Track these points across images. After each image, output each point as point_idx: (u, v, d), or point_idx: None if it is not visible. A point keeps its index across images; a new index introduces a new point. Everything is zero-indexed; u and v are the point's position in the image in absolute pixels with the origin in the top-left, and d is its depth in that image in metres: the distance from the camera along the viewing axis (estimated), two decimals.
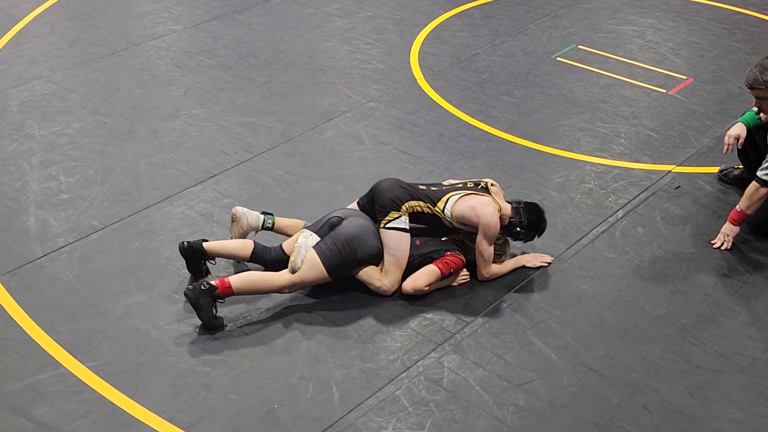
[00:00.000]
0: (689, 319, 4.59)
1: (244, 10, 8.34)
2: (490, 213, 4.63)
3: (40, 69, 7.19)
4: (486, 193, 4.79)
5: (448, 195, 4.73)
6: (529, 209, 4.84)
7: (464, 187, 4.80)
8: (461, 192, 4.74)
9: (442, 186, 4.86)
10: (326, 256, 4.57)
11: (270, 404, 4.08)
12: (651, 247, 5.12)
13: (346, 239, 4.60)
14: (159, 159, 5.97)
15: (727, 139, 5.27)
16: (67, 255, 5.04)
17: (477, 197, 4.71)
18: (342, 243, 4.59)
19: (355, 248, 4.60)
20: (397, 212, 4.63)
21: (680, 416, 4.03)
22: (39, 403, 4.07)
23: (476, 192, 4.76)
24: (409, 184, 4.79)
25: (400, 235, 4.64)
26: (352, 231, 4.63)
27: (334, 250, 4.58)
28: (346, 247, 4.59)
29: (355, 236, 4.62)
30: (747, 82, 4.93)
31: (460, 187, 4.80)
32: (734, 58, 7.36)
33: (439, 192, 4.77)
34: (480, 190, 4.80)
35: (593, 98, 6.75)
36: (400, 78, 7.06)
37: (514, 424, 3.98)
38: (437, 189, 4.80)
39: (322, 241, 4.63)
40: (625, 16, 8.18)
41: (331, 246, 4.59)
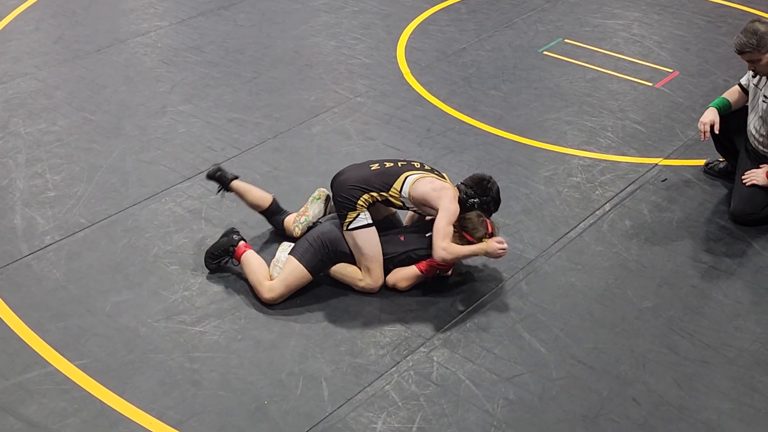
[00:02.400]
0: (677, 311, 4.61)
1: (230, 6, 8.31)
2: (452, 196, 4.56)
3: (24, 66, 7.15)
4: (442, 178, 4.72)
5: (405, 174, 4.63)
6: (468, 183, 4.75)
7: (422, 168, 4.72)
8: (420, 173, 4.65)
9: (397, 163, 4.73)
10: (302, 255, 4.62)
11: (260, 400, 4.08)
12: (638, 239, 5.14)
13: (319, 236, 4.66)
14: (146, 156, 5.95)
15: (702, 126, 5.29)
16: (54, 253, 5.02)
17: (438, 181, 4.63)
18: (315, 241, 4.65)
19: (326, 244, 4.64)
20: (353, 212, 4.59)
21: (669, 408, 4.05)
22: (27, 402, 4.05)
23: (435, 175, 4.69)
24: (359, 174, 4.65)
25: (365, 232, 4.60)
26: (321, 229, 4.70)
27: (310, 248, 4.63)
28: (319, 244, 4.63)
29: (326, 232, 4.67)
30: (737, 48, 5.03)
31: (418, 168, 4.71)
32: (720, 51, 7.39)
33: (394, 170, 4.66)
34: (438, 175, 4.72)
35: (580, 92, 6.76)
36: (387, 73, 7.05)
37: (504, 418, 3.99)
38: (392, 166, 4.69)
39: (296, 244, 4.69)
40: (611, 9, 8.19)
41: (306, 246, 4.65)
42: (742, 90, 5.38)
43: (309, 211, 4.88)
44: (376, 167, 4.71)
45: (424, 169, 4.73)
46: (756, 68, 5.10)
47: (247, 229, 5.19)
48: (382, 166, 4.72)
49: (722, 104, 5.37)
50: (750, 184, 5.19)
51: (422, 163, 4.81)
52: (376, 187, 4.62)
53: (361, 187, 4.61)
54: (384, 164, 4.73)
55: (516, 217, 5.32)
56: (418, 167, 4.72)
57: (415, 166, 4.73)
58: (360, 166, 4.80)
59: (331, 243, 4.65)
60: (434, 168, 4.84)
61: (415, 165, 4.74)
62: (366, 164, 4.79)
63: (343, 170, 4.81)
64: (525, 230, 5.20)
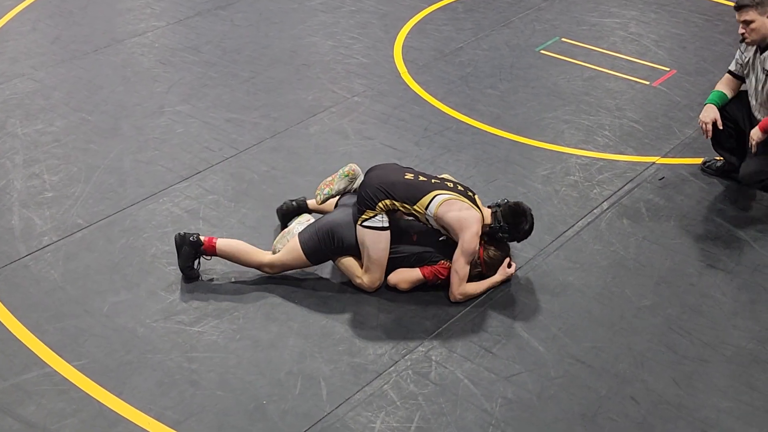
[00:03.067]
0: (675, 310, 4.61)
1: (227, 6, 8.31)
2: (475, 231, 4.48)
3: (22, 67, 7.15)
4: (473, 203, 4.59)
5: (435, 193, 4.53)
6: (505, 212, 4.64)
7: (454, 189, 4.60)
8: (450, 194, 4.54)
9: (431, 179, 4.64)
10: (305, 241, 4.64)
11: (258, 400, 4.08)
12: (636, 238, 5.14)
13: (328, 227, 4.64)
14: (143, 156, 5.94)
15: (704, 126, 5.28)
16: (52, 254, 5.01)
17: (466, 209, 4.51)
18: (322, 230, 4.64)
19: (333, 237, 4.63)
20: (372, 211, 4.55)
21: (667, 406, 4.05)
22: (26, 403, 4.05)
23: (465, 198, 4.57)
24: (390, 178, 4.59)
25: (377, 234, 4.55)
26: (334, 219, 4.68)
27: (314, 236, 4.64)
28: (326, 235, 4.63)
29: (337, 225, 4.65)
30: (736, 3, 4.99)
31: (451, 188, 4.60)
32: (717, 50, 7.39)
33: (425, 186, 4.57)
34: (468, 198, 4.61)
35: (577, 91, 6.76)
36: (385, 72, 7.05)
37: (503, 416, 3.99)
38: (424, 182, 4.59)
39: (307, 227, 4.71)
40: (608, 8, 8.20)
41: (312, 233, 4.65)
42: (733, 77, 5.37)
43: (334, 185, 4.84)
44: (409, 177, 4.62)
45: (457, 189, 4.61)
46: (746, 33, 5.02)
47: (245, 228, 5.19)
48: (416, 178, 4.62)
49: (719, 98, 5.36)
50: (755, 150, 5.12)
51: (456, 182, 4.71)
52: (401, 196, 4.54)
53: (386, 192, 4.54)
54: (418, 177, 4.63)
55: None
56: (450, 187, 4.61)
57: (447, 185, 4.62)
58: (396, 169, 4.71)
59: (337, 236, 4.62)
60: (467, 188, 4.72)
61: (447, 184, 4.64)
62: (403, 170, 4.70)
63: (380, 166, 4.78)
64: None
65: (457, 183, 4.73)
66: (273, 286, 4.77)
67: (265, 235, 5.14)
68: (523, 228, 4.69)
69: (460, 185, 4.72)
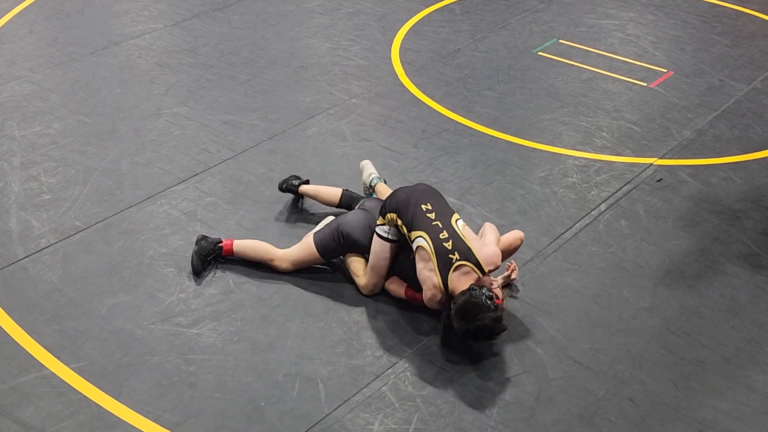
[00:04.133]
0: (673, 311, 4.61)
1: (224, 8, 8.31)
2: (428, 297, 4.34)
3: (19, 69, 7.14)
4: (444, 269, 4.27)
5: (421, 234, 4.35)
6: (462, 296, 4.18)
7: (443, 242, 4.29)
8: (427, 246, 4.30)
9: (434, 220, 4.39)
10: (320, 239, 4.76)
11: (256, 402, 4.07)
12: (634, 239, 5.14)
13: (339, 225, 4.75)
14: (141, 158, 5.94)
15: None
16: (50, 256, 5.01)
17: (429, 270, 4.30)
18: (335, 228, 4.75)
19: (344, 235, 4.72)
20: (382, 218, 4.59)
21: (665, 407, 4.05)
22: (24, 405, 4.05)
23: (436, 260, 4.28)
24: (411, 201, 4.45)
25: (381, 243, 4.57)
26: (346, 219, 4.78)
27: (327, 235, 4.75)
28: (336, 232, 4.74)
29: (347, 224, 4.73)
30: None
31: (442, 239, 4.31)
32: (714, 51, 7.40)
33: (424, 223, 4.38)
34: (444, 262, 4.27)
35: (575, 92, 6.77)
36: (382, 74, 7.06)
37: (501, 418, 3.99)
38: (428, 219, 4.39)
39: (324, 226, 4.83)
40: (606, 10, 8.20)
41: (326, 231, 4.77)
42: None
43: None
44: (424, 207, 4.45)
45: (442, 247, 4.29)
46: None
47: (243, 230, 5.19)
48: (428, 212, 4.43)
49: None
50: None
51: (453, 232, 4.35)
52: (404, 220, 4.45)
53: (398, 208, 4.49)
54: (432, 212, 4.43)
55: (512, 217, 5.32)
56: (443, 238, 4.31)
57: (441, 236, 4.32)
58: (425, 196, 4.53)
59: (347, 234, 4.71)
60: (463, 237, 4.34)
61: (442, 235, 4.32)
62: (428, 199, 4.51)
63: (421, 187, 4.63)
64: (521, 230, 5.19)
65: (455, 232, 4.37)
66: (271, 288, 4.77)
67: (263, 236, 5.14)
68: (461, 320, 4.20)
69: (461, 230, 4.39)
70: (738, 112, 6.47)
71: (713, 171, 5.78)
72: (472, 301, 4.15)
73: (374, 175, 5.27)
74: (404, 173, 5.73)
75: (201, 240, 4.92)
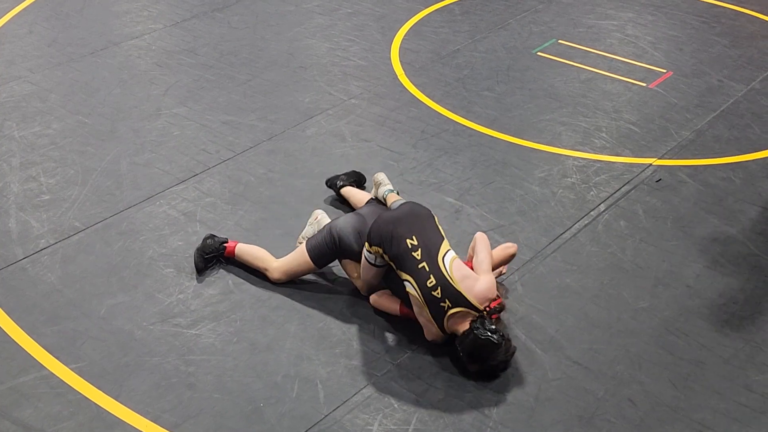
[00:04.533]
0: (672, 312, 4.61)
1: (224, 8, 8.31)
2: (429, 338, 4.31)
3: (18, 69, 7.14)
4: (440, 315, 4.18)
5: (410, 279, 4.21)
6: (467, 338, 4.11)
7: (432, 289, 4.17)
8: (417, 294, 4.20)
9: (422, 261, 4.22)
10: (313, 246, 4.68)
11: (255, 403, 4.07)
12: (633, 240, 5.14)
13: (330, 229, 4.68)
14: (140, 159, 5.94)
15: None
16: (49, 256, 5.01)
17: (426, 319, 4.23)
18: (328, 233, 4.67)
19: (337, 239, 4.64)
20: (368, 245, 4.39)
21: (664, 408, 4.05)
22: (23, 406, 4.05)
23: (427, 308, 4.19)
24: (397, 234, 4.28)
25: (366, 263, 4.47)
26: (338, 223, 4.70)
27: (321, 241, 4.68)
28: (329, 236, 4.66)
29: (339, 228, 4.65)
30: None
31: (430, 286, 4.17)
32: (713, 51, 7.40)
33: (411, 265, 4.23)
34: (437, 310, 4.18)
35: (574, 93, 6.77)
36: (382, 74, 7.06)
37: (500, 419, 3.99)
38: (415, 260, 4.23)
39: (317, 232, 4.76)
40: (605, 10, 8.20)
41: (319, 237, 4.70)
42: None
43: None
44: (410, 244, 4.27)
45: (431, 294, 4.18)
46: None
47: (242, 231, 5.19)
48: (414, 249, 4.26)
49: None
50: None
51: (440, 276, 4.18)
52: (390, 255, 4.31)
53: (383, 243, 4.31)
54: (418, 249, 4.26)
55: (511, 218, 5.33)
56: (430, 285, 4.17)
57: (428, 281, 4.18)
58: (411, 227, 4.33)
59: (340, 238, 4.63)
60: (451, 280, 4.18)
61: (429, 280, 4.18)
62: (413, 232, 4.31)
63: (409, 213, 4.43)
64: (520, 231, 5.20)
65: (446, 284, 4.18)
66: (270, 289, 4.77)
67: (263, 237, 5.14)
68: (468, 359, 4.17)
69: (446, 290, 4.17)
70: (737, 112, 6.47)
71: (712, 171, 5.78)
72: (479, 343, 4.07)
73: (388, 188, 5.18)
74: (403, 173, 5.74)
75: (208, 238, 4.91)
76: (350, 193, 5.33)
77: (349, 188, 5.37)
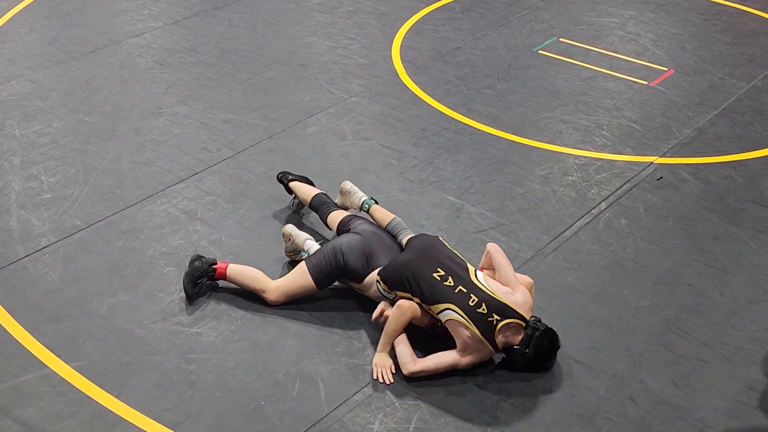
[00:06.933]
0: (673, 310, 4.61)
1: (224, 7, 8.31)
2: (470, 362, 4.17)
3: (19, 68, 7.14)
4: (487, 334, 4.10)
5: (448, 306, 4.13)
6: (545, 338, 4.14)
7: (475, 307, 4.11)
8: (462, 317, 4.10)
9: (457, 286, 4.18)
10: (312, 264, 4.55)
11: (256, 401, 4.07)
12: (634, 238, 5.14)
13: (333, 248, 4.54)
14: (141, 157, 5.94)
15: None
16: (50, 255, 5.01)
17: (477, 341, 4.11)
18: (329, 252, 4.54)
19: (341, 263, 4.51)
20: (386, 286, 4.35)
21: (665, 406, 4.05)
22: (24, 404, 4.05)
23: (476, 327, 4.10)
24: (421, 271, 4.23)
25: (382, 297, 4.42)
26: (341, 243, 4.57)
27: (321, 258, 4.54)
28: (331, 256, 4.52)
29: (343, 249, 4.53)
30: None
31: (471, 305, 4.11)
32: (715, 49, 7.40)
33: (447, 293, 4.16)
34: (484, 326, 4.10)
35: (575, 91, 6.76)
36: (382, 73, 7.05)
37: (501, 417, 3.99)
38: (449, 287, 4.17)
39: (315, 252, 4.60)
40: (606, 8, 8.20)
41: (320, 257, 4.55)
42: None
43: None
44: (437, 275, 4.22)
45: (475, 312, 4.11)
46: None
47: (242, 230, 5.19)
48: (444, 278, 4.22)
49: None
50: None
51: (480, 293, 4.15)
52: (419, 294, 4.23)
53: (409, 285, 4.25)
54: (448, 277, 4.21)
55: (512, 216, 5.32)
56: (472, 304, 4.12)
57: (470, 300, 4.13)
58: (433, 258, 4.31)
59: (345, 260, 4.50)
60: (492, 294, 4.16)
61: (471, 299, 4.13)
62: (438, 262, 4.29)
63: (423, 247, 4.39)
64: (521, 229, 5.20)
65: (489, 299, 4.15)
66: None
67: (263, 236, 5.14)
68: (540, 358, 4.19)
69: (491, 304, 4.13)
70: (738, 110, 6.47)
71: (714, 169, 5.78)
72: (555, 338, 4.20)
73: (364, 198, 4.98)
74: (404, 172, 5.73)
75: (195, 260, 4.67)
76: (299, 187, 5.23)
77: (298, 183, 5.26)
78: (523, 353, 4.12)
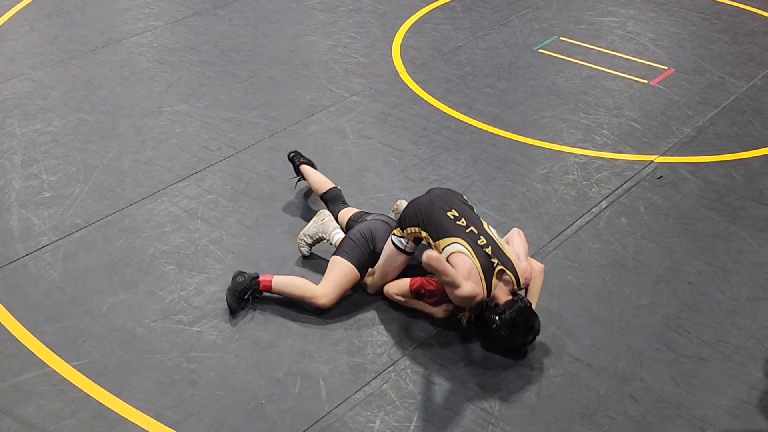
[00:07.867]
0: (673, 308, 4.61)
1: (225, 5, 8.31)
2: (467, 292, 4.13)
3: (20, 67, 7.14)
4: (487, 276, 4.18)
5: (455, 240, 4.22)
6: (514, 305, 4.18)
7: (483, 247, 4.21)
8: (467, 251, 4.18)
9: (468, 226, 4.29)
10: (350, 253, 4.60)
11: (257, 400, 4.08)
12: (635, 236, 5.14)
13: (362, 232, 4.65)
14: (142, 156, 5.94)
15: None
16: (51, 254, 5.01)
17: (473, 278, 4.15)
18: (360, 238, 4.63)
19: (369, 241, 4.63)
20: (399, 231, 4.47)
21: (666, 405, 4.05)
22: (25, 403, 4.05)
23: (479, 265, 4.17)
24: (434, 209, 4.33)
25: (393, 251, 4.50)
26: (368, 225, 4.70)
27: (356, 247, 4.61)
28: (362, 240, 4.63)
29: (371, 230, 4.66)
30: None
31: (481, 245, 4.22)
32: (715, 48, 7.40)
33: (456, 230, 4.26)
34: (486, 267, 4.18)
35: (576, 89, 6.77)
36: (383, 71, 7.05)
37: (502, 415, 4.00)
38: (460, 226, 4.27)
39: (341, 243, 4.67)
40: (606, 7, 8.20)
41: (351, 245, 4.62)
42: None
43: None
44: (451, 215, 4.31)
45: (482, 252, 4.20)
46: None
47: (243, 229, 5.19)
48: (457, 218, 4.31)
49: None
50: None
51: (490, 239, 4.27)
52: (429, 229, 4.32)
53: (421, 220, 4.34)
54: (461, 218, 4.32)
55: (512, 215, 5.33)
56: (481, 244, 4.22)
57: (479, 241, 4.23)
58: (447, 201, 4.40)
59: (372, 239, 4.63)
60: (501, 246, 4.28)
61: (480, 240, 4.24)
62: (452, 205, 4.38)
63: (440, 192, 4.51)
64: (521, 228, 5.18)
65: (489, 239, 4.29)
66: None
67: (264, 234, 5.14)
68: (513, 338, 4.22)
69: (495, 237, 4.32)
70: (738, 109, 6.47)
71: (714, 168, 5.78)
72: (526, 310, 4.19)
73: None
74: (405, 171, 5.74)
75: (237, 276, 4.59)
76: (312, 174, 5.30)
77: (310, 169, 5.34)
78: (501, 314, 4.16)
